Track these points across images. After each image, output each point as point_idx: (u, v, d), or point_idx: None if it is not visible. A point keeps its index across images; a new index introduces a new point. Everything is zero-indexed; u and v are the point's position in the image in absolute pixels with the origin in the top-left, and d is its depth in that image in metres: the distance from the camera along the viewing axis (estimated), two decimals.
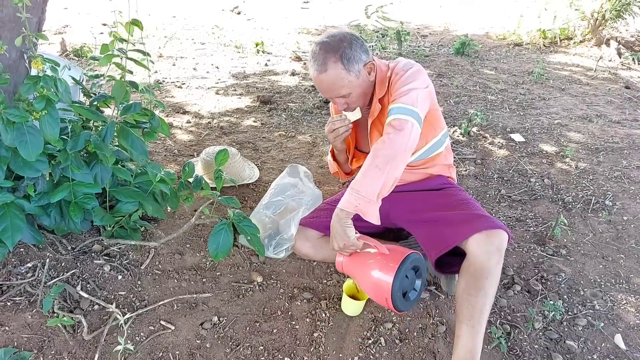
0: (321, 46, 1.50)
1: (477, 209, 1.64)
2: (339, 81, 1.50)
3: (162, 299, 1.63)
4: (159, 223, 1.98)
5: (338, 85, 1.51)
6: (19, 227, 1.51)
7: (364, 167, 1.45)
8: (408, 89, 1.53)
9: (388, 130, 1.48)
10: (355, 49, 1.51)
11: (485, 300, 1.43)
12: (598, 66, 4.55)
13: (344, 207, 1.44)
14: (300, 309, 1.66)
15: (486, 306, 1.43)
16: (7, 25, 1.49)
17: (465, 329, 1.41)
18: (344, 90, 1.53)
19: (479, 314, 1.41)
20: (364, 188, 1.42)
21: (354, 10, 6.04)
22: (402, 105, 1.50)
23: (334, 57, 1.48)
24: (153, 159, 2.50)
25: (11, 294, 1.57)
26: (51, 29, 4.64)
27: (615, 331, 1.66)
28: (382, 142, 1.46)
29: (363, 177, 1.43)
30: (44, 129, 1.44)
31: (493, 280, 1.45)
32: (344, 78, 1.50)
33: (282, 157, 2.66)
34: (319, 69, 1.49)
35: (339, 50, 1.48)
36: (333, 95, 1.55)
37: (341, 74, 1.49)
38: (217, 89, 3.59)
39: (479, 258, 1.46)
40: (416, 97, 1.51)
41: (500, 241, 1.47)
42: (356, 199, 1.42)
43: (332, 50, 1.48)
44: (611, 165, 2.75)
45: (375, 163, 1.43)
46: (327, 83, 1.51)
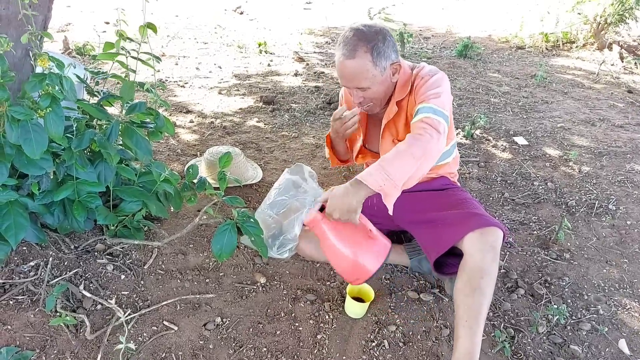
0: (355, 32, 1.47)
1: (474, 207, 1.62)
2: (364, 72, 1.48)
3: (165, 299, 1.62)
4: (162, 223, 1.97)
5: (361, 76, 1.48)
6: (22, 226, 1.50)
7: (397, 151, 1.39)
8: (438, 92, 1.51)
9: (424, 126, 1.44)
10: (387, 45, 1.49)
11: (482, 299, 1.40)
12: (600, 70, 4.55)
13: (369, 183, 1.36)
14: (303, 310, 1.65)
15: (483, 306, 1.40)
16: (13, 23, 1.49)
17: (462, 330, 1.40)
18: (365, 82, 1.50)
19: (476, 314, 1.40)
20: (395, 171, 1.36)
21: (357, 11, 6.04)
22: (435, 106, 1.47)
23: (365, 46, 1.45)
24: (156, 159, 2.50)
25: (14, 293, 1.56)
26: (54, 26, 4.63)
27: (620, 336, 1.66)
28: (420, 135, 1.42)
29: (397, 160, 1.38)
30: (48, 127, 1.43)
31: (489, 279, 1.42)
32: (369, 70, 1.48)
33: (285, 158, 2.65)
34: (347, 54, 1.46)
35: (372, 42, 1.46)
36: (353, 84, 1.52)
37: (367, 66, 1.47)
38: (220, 89, 3.59)
39: (474, 257, 1.45)
40: (446, 101, 1.51)
41: (494, 238, 1.46)
42: (384, 180, 1.36)
43: (365, 40, 1.45)
44: (614, 169, 2.75)
45: (412, 151, 1.38)
46: (351, 70, 1.48)
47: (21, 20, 1.38)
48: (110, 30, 4.76)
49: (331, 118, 1.70)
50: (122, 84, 1.62)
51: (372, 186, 1.37)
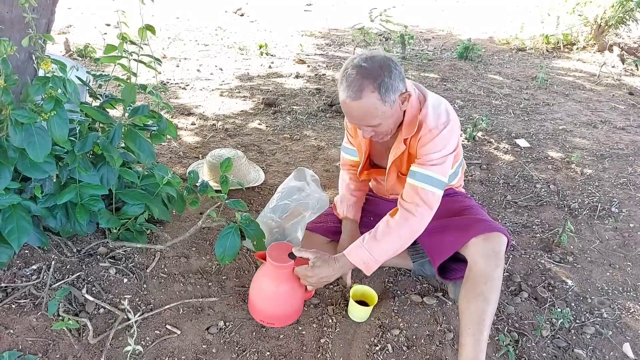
0: (359, 71, 1.34)
1: (478, 213, 1.62)
2: (373, 111, 1.38)
3: (168, 303, 1.62)
4: (164, 226, 1.97)
5: (371, 116, 1.39)
6: (25, 229, 1.50)
7: (386, 229, 1.48)
8: (442, 157, 1.48)
9: (417, 202, 1.47)
10: (394, 78, 1.37)
11: (486, 306, 1.39)
12: (601, 72, 4.55)
13: (354, 261, 1.50)
14: (306, 314, 1.64)
15: (487, 313, 1.39)
16: (16, 26, 1.48)
17: (467, 338, 1.40)
18: (376, 120, 1.41)
19: (480, 321, 1.38)
20: (380, 252, 1.49)
21: (357, 13, 6.04)
22: (434, 175, 1.48)
23: (371, 85, 1.34)
24: (158, 161, 2.49)
25: (16, 297, 1.56)
26: (55, 28, 4.63)
27: (624, 340, 1.65)
28: (411, 215, 1.48)
29: (384, 241, 1.48)
30: (52, 130, 1.43)
31: (492, 285, 1.41)
32: (378, 109, 1.37)
33: (288, 160, 2.65)
34: (353, 96, 1.35)
35: (378, 79, 1.34)
36: (362, 124, 1.44)
37: (376, 104, 1.36)
38: (222, 91, 3.59)
39: (477, 263, 1.45)
40: (447, 165, 1.50)
41: (497, 244, 1.45)
42: (368, 259, 1.49)
43: (371, 77, 1.34)
44: (617, 171, 2.75)
45: (400, 233, 1.48)
46: (359, 112, 1.38)
47: (24, 24, 1.38)
48: (112, 32, 4.76)
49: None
50: (123, 87, 1.62)
51: (356, 263, 1.50)
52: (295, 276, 1.56)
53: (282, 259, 1.51)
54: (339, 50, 4.87)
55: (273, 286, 1.52)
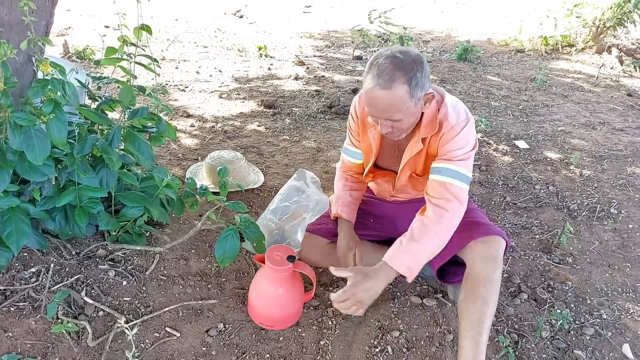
0: (392, 61, 1.32)
1: (477, 217, 1.62)
2: (399, 104, 1.34)
3: (168, 305, 1.61)
4: (164, 228, 1.97)
5: (395, 108, 1.35)
6: (24, 232, 1.50)
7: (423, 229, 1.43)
8: (466, 153, 1.48)
9: (448, 197, 1.44)
10: (425, 75, 1.36)
11: (485, 309, 1.39)
12: (600, 73, 4.56)
13: (398, 268, 1.40)
14: (306, 316, 1.64)
15: (486, 315, 1.39)
16: (15, 29, 1.48)
17: (466, 340, 1.40)
18: (399, 115, 1.37)
19: (479, 324, 1.38)
20: (421, 253, 1.42)
21: (356, 15, 6.05)
22: (461, 170, 1.46)
23: (403, 77, 1.31)
24: (158, 163, 2.49)
25: (15, 299, 1.55)
26: (54, 30, 4.63)
27: (623, 341, 1.65)
28: (444, 211, 1.43)
29: (423, 240, 1.42)
30: (51, 133, 1.43)
31: (491, 287, 1.41)
32: (405, 102, 1.34)
33: (287, 162, 2.65)
34: (384, 85, 1.31)
35: (411, 72, 1.32)
36: (385, 116, 1.38)
37: (404, 98, 1.33)
38: (221, 93, 3.59)
39: (476, 267, 1.45)
40: (471, 161, 1.50)
41: (495, 248, 1.45)
42: (412, 262, 1.41)
43: (404, 70, 1.31)
44: (615, 172, 2.75)
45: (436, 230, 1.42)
46: (386, 103, 1.34)
47: (23, 26, 1.38)
48: (111, 33, 4.76)
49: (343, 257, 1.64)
50: (121, 88, 1.62)
51: (400, 269, 1.40)
52: (295, 278, 1.56)
53: (281, 262, 1.50)
54: (338, 52, 4.87)
55: (272, 289, 1.52)
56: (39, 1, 1.52)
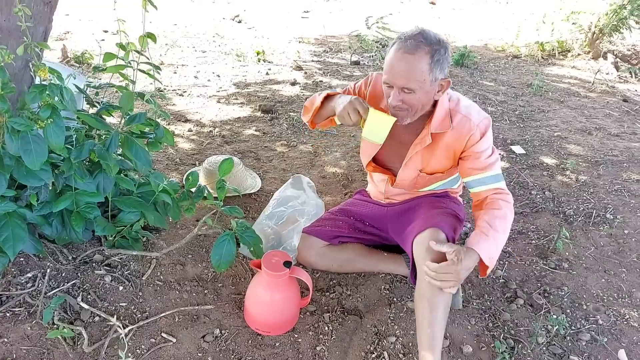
0: (420, 32, 1.40)
1: (437, 214, 1.62)
2: (418, 73, 1.38)
3: (164, 311, 1.61)
4: (160, 233, 1.97)
5: (413, 76, 1.38)
6: (20, 237, 1.49)
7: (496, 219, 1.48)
8: (495, 155, 1.56)
9: (504, 199, 1.52)
10: (447, 58, 1.42)
11: (429, 307, 1.40)
12: (596, 79, 4.59)
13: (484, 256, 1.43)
14: (302, 322, 1.64)
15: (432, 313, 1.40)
16: (13, 34, 1.49)
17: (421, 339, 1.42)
18: (415, 84, 1.39)
19: (425, 324, 1.40)
20: (499, 244, 1.48)
21: (354, 20, 6.07)
22: (497, 172, 1.55)
23: (427, 47, 1.37)
24: (155, 168, 2.49)
25: (10, 305, 1.55)
26: (52, 35, 4.63)
27: (619, 346, 1.66)
28: (507, 202, 1.52)
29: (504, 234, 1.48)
30: (49, 138, 1.43)
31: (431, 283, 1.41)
32: (424, 72, 1.38)
33: (284, 167, 2.65)
34: (408, 49, 1.36)
35: (435, 46, 1.38)
36: (401, 82, 1.40)
37: (424, 67, 1.38)
38: (219, 98, 3.59)
39: (418, 264, 1.48)
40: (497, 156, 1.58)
41: (430, 239, 1.45)
42: (495, 253, 1.46)
43: (429, 42, 1.38)
44: (611, 178, 2.76)
45: (508, 221, 1.50)
46: (406, 67, 1.37)
47: (22, 31, 1.39)
48: (109, 38, 4.77)
49: (354, 103, 1.48)
50: (122, 95, 1.62)
51: (486, 260, 1.44)
52: (291, 284, 1.56)
53: (277, 267, 1.51)
54: (336, 57, 4.89)
55: (268, 294, 1.52)
56: (37, 7, 1.52)
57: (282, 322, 1.56)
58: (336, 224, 1.84)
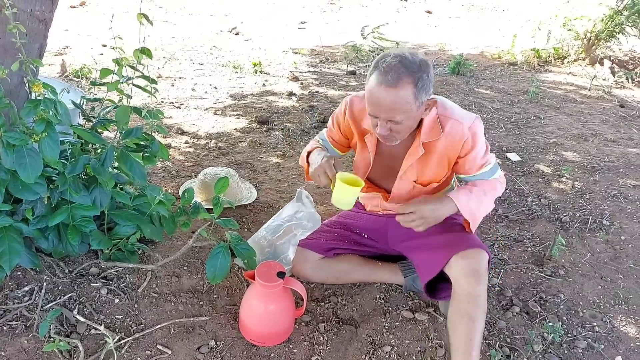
0: (400, 59, 1.34)
1: (463, 230, 1.63)
2: (403, 105, 1.35)
3: (159, 323, 1.62)
4: (156, 245, 1.97)
5: (399, 109, 1.36)
6: (16, 251, 1.51)
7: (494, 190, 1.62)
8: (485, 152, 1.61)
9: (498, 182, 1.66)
10: (430, 79, 1.38)
11: (472, 326, 1.39)
12: (592, 85, 4.61)
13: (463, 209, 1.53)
14: (297, 332, 1.65)
15: (474, 332, 1.38)
16: (9, 51, 1.51)
17: (457, 358, 1.40)
18: (400, 116, 1.37)
19: (467, 342, 1.38)
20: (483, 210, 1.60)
21: (351, 30, 6.12)
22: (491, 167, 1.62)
23: (410, 77, 1.33)
24: (151, 180, 2.51)
25: (8, 318, 1.56)
26: (52, 50, 4.68)
27: (616, 353, 1.65)
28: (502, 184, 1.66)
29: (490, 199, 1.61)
30: (44, 152, 1.45)
31: (476, 303, 1.41)
32: (409, 103, 1.35)
33: (280, 178, 2.67)
34: (391, 83, 1.32)
35: (417, 73, 1.34)
36: (387, 116, 1.38)
37: (408, 99, 1.35)
38: (215, 110, 3.62)
39: (459, 283, 1.46)
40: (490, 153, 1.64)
41: (476, 262, 1.45)
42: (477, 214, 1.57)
43: (411, 70, 1.33)
44: (608, 184, 2.77)
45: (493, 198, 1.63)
46: (390, 101, 1.34)
47: (18, 48, 1.41)
48: (108, 53, 4.81)
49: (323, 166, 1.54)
50: (117, 109, 1.64)
51: (464, 211, 1.53)
52: (285, 294, 1.56)
53: (271, 278, 1.51)
54: (332, 68, 4.93)
55: (263, 305, 1.53)
56: (32, 25, 1.55)
57: (276, 333, 1.56)
58: (331, 236, 1.84)
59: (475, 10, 8.29)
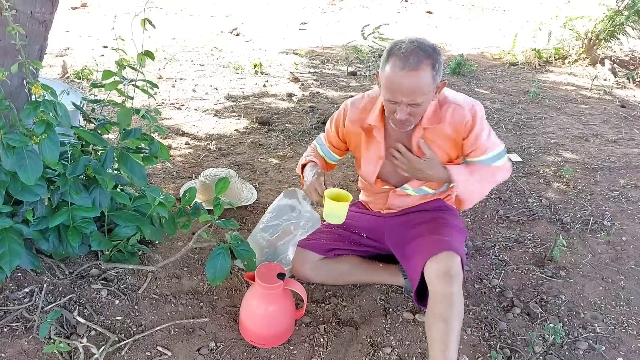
0: (417, 44, 1.39)
1: (443, 233, 1.61)
2: (424, 87, 1.40)
3: (159, 324, 1.61)
4: (156, 246, 1.97)
5: (420, 91, 1.40)
6: (17, 252, 1.51)
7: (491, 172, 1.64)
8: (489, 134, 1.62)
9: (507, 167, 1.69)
10: (441, 63, 1.44)
11: (446, 327, 1.37)
12: (593, 85, 4.60)
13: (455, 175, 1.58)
14: (298, 333, 1.64)
15: (448, 333, 1.37)
16: (9, 53, 1.51)
17: None
18: (421, 98, 1.42)
19: (442, 342, 1.37)
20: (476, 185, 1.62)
21: (351, 31, 6.12)
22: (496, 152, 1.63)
23: (429, 60, 1.39)
24: (151, 181, 2.51)
25: (8, 320, 1.56)
26: (53, 51, 4.69)
27: (617, 355, 1.65)
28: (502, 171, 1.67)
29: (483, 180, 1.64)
30: (44, 153, 1.45)
31: (448, 304, 1.40)
32: (428, 85, 1.41)
33: (280, 178, 2.67)
34: (413, 66, 1.36)
35: (433, 57, 1.40)
36: (409, 99, 1.41)
37: (428, 80, 1.40)
38: (216, 110, 3.62)
39: (431, 284, 1.46)
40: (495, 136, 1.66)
41: (447, 264, 1.44)
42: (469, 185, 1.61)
43: (427, 54, 1.39)
44: (609, 184, 2.76)
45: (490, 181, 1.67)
46: (412, 84, 1.38)
47: (18, 50, 1.41)
48: (109, 54, 4.82)
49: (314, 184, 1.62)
50: (119, 111, 1.64)
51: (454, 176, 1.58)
52: (285, 295, 1.56)
53: (271, 280, 1.51)
54: (333, 69, 4.93)
55: (263, 307, 1.53)
56: (32, 26, 1.55)
57: (277, 334, 1.56)
58: (332, 236, 1.84)
59: (476, 10, 8.29)
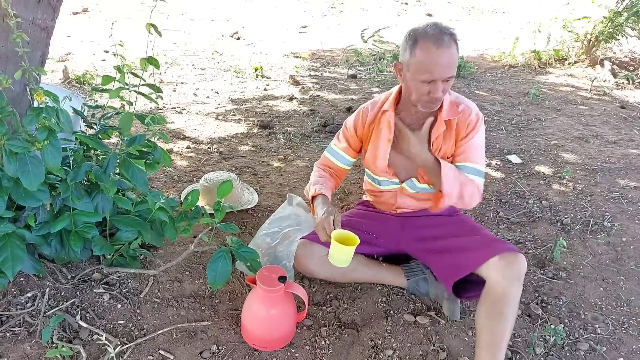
0: (440, 26, 1.53)
1: (489, 234, 1.70)
2: (456, 61, 1.54)
3: (161, 328, 1.62)
4: (157, 250, 1.98)
5: (454, 65, 1.53)
6: (19, 257, 1.52)
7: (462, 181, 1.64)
8: (481, 149, 1.69)
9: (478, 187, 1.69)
10: None
11: (506, 326, 1.45)
12: (593, 86, 4.61)
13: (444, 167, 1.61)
14: (299, 336, 1.65)
15: (506, 332, 1.45)
16: (11, 60, 1.53)
17: (485, 355, 1.44)
18: (454, 71, 1.54)
19: (500, 340, 1.44)
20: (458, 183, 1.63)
21: (351, 34, 6.14)
22: (479, 168, 1.68)
23: (454, 36, 1.52)
24: (153, 186, 2.52)
25: (11, 325, 1.57)
26: (54, 56, 4.72)
27: (618, 355, 1.65)
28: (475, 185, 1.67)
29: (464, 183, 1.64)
30: (46, 159, 1.46)
31: (514, 306, 1.47)
32: (457, 60, 1.55)
33: (281, 182, 2.68)
34: (447, 43, 1.49)
35: (454, 35, 1.53)
36: (448, 73, 1.53)
37: (457, 56, 1.54)
38: (217, 114, 3.64)
39: (500, 285, 1.49)
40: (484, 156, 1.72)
41: (519, 267, 1.51)
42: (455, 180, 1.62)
43: (451, 32, 1.52)
44: (609, 185, 2.77)
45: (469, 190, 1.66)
46: (449, 59, 1.50)
47: (20, 56, 1.43)
48: (110, 59, 4.85)
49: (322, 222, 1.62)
50: (121, 116, 1.65)
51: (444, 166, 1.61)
52: (287, 298, 1.57)
53: (273, 283, 1.52)
54: (334, 72, 4.95)
55: (264, 310, 1.53)
56: (34, 33, 1.57)
57: (278, 337, 1.57)
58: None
59: (476, 12, 8.31)
